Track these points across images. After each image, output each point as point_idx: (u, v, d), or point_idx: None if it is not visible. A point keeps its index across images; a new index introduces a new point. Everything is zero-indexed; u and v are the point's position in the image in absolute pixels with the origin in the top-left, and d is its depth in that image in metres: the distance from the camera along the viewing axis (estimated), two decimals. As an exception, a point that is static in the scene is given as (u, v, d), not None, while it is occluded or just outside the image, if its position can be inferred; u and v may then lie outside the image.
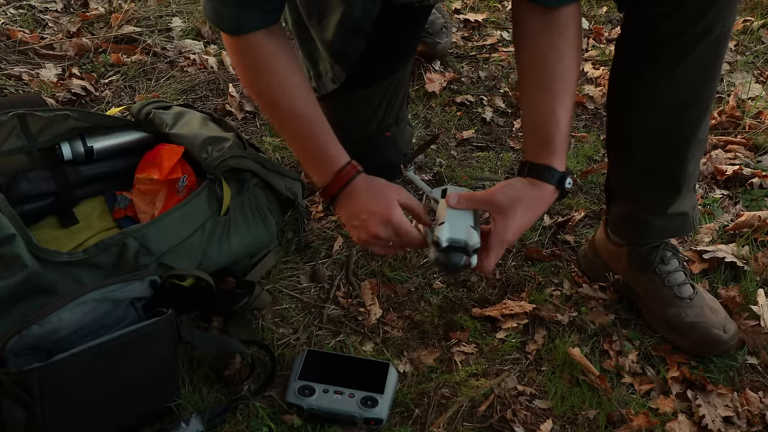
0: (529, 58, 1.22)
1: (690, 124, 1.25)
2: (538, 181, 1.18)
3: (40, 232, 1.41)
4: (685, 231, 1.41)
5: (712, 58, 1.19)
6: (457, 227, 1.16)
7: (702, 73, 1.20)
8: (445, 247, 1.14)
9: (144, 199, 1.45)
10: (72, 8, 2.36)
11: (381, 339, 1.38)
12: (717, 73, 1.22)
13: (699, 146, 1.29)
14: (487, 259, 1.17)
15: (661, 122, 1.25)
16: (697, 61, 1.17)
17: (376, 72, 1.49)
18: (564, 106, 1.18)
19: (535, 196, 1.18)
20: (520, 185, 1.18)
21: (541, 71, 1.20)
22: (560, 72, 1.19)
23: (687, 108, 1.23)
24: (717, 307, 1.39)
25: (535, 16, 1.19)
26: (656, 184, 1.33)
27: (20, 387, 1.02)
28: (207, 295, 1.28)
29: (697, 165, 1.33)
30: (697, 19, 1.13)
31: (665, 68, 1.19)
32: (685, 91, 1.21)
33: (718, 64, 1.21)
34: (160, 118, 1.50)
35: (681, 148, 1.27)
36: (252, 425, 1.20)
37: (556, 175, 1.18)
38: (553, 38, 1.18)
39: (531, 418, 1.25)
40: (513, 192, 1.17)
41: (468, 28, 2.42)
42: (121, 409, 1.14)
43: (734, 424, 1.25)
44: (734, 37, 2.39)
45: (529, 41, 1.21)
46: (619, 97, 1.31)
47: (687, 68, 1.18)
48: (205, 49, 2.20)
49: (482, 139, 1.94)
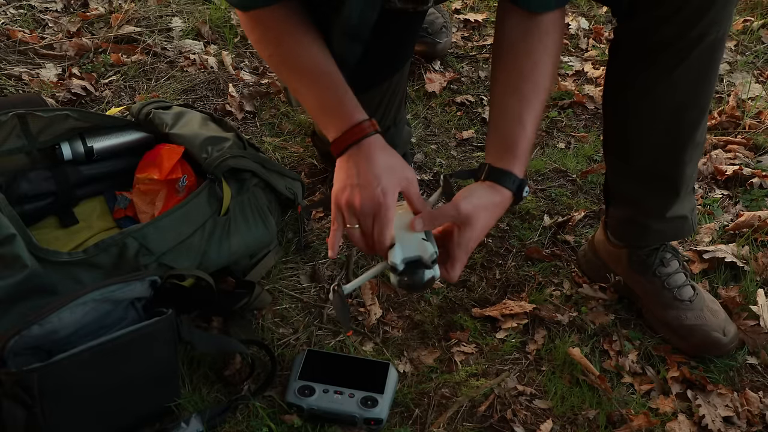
0: (504, 61, 1.19)
1: (687, 127, 1.25)
2: (498, 186, 1.13)
3: (40, 232, 1.41)
4: (684, 234, 1.41)
5: (709, 62, 1.19)
6: (408, 245, 1.09)
7: (698, 77, 1.20)
8: (402, 269, 1.08)
9: (144, 199, 1.45)
10: (72, 8, 2.36)
11: (381, 339, 1.38)
12: (713, 77, 1.22)
13: (696, 149, 1.29)
14: (452, 270, 1.13)
15: (658, 126, 1.25)
16: (694, 65, 1.17)
17: (374, 77, 1.49)
18: (532, 113, 1.16)
19: (496, 201, 1.14)
20: (482, 191, 1.14)
21: (515, 76, 1.17)
22: (533, 79, 1.16)
23: (684, 112, 1.23)
24: (717, 308, 1.39)
25: (516, 19, 1.17)
26: (654, 188, 1.33)
27: (20, 387, 1.02)
28: (207, 295, 1.28)
29: (695, 168, 1.33)
30: (693, 23, 1.12)
31: (662, 72, 1.19)
32: (682, 94, 1.21)
33: (714, 67, 1.20)
34: (160, 118, 1.50)
35: (678, 151, 1.27)
36: (252, 425, 1.20)
37: (516, 182, 1.14)
38: (531, 45, 1.16)
39: (531, 418, 1.25)
40: (477, 200, 1.13)
41: (468, 28, 2.42)
42: (121, 409, 1.14)
43: (734, 424, 1.25)
44: (734, 37, 2.39)
45: (506, 44, 1.18)
46: (615, 102, 1.31)
47: (684, 72, 1.18)
48: (205, 49, 2.20)
49: (482, 139, 1.94)
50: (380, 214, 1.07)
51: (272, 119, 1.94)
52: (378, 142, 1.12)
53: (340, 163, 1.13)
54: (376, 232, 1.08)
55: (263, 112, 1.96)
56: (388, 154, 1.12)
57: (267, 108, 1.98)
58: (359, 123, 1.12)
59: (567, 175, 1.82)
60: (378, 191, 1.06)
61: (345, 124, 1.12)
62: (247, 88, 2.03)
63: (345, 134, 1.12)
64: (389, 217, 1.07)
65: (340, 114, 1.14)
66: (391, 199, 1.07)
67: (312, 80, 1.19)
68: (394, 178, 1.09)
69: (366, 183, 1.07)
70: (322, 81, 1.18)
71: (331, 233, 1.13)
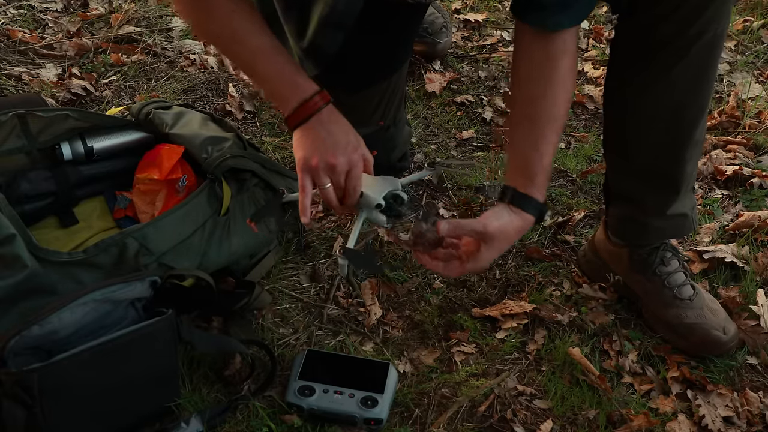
0: (518, 87, 1.23)
1: (686, 125, 1.25)
2: (522, 211, 1.19)
3: (40, 232, 1.41)
4: (684, 232, 1.41)
5: (707, 60, 1.19)
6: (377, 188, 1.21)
7: (697, 75, 1.20)
8: (384, 204, 1.21)
9: (144, 199, 1.45)
10: (72, 8, 2.36)
11: (381, 339, 1.38)
12: (712, 75, 1.23)
13: (696, 147, 1.29)
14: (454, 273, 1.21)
15: (657, 125, 1.26)
16: (693, 63, 1.18)
17: (373, 75, 1.49)
18: (547, 141, 1.20)
19: (517, 226, 1.20)
20: (507, 216, 1.19)
21: (529, 103, 1.21)
22: (547, 106, 1.19)
23: (683, 110, 1.24)
24: (717, 308, 1.39)
25: (529, 39, 1.19)
26: (654, 185, 1.33)
27: (20, 387, 1.02)
28: (207, 295, 1.28)
29: (695, 166, 1.33)
30: (691, 20, 1.13)
31: (661, 70, 1.20)
32: (681, 93, 1.22)
33: (712, 65, 1.21)
34: (160, 118, 1.50)
35: (678, 149, 1.28)
36: (252, 425, 1.20)
37: (538, 207, 1.20)
38: (547, 70, 1.19)
39: (531, 418, 1.25)
40: (501, 223, 1.18)
41: (468, 28, 2.42)
42: (121, 409, 1.14)
43: (734, 424, 1.25)
44: (734, 37, 2.39)
45: (523, 68, 1.22)
46: (615, 100, 1.32)
47: (683, 70, 1.18)
48: (205, 49, 2.20)
49: (482, 139, 1.94)
50: (354, 169, 1.17)
51: (272, 119, 1.94)
52: (335, 109, 1.20)
53: (303, 131, 1.19)
54: (349, 186, 1.18)
55: (263, 112, 1.96)
56: (342, 119, 1.21)
57: (267, 108, 1.98)
58: (317, 92, 1.18)
59: (567, 175, 1.82)
60: (350, 148, 1.17)
61: (303, 94, 1.18)
62: (247, 88, 2.03)
63: (305, 104, 1.18)
64: (360, 171, 1.18)
65: (296, 86, 1.19)
66: (360, 156, 1.18)
67: (263, 55, 1.21)
68: (358, 137, 1.20)
69: (339, 143, 1.17)
70: (273, 56, 1.21)
71: (300, 200, 1.18)
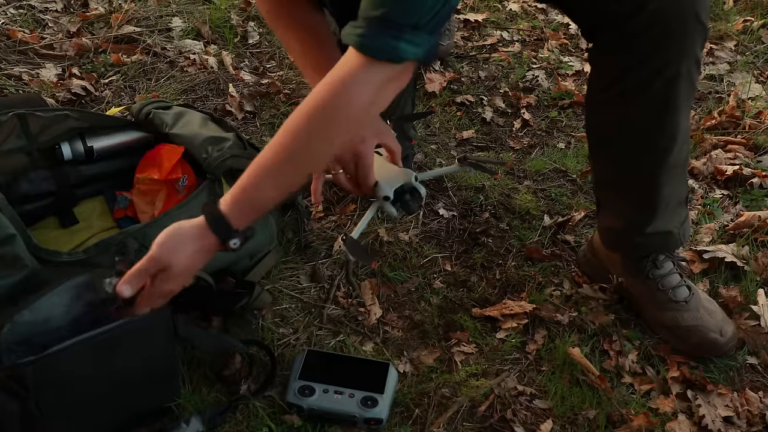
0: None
1: (658, 151, 1.23)
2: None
3: (40, 232, 1.41)
4: (670, 247, 1.38)
5: (672, 96, 1.17)
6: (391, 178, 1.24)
7: (662, 109, 1.18)
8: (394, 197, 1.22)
9: (144, 199, 1.45)
10: (72, 8, 2.36)
11: (381, 339, 1.38)
12: (681, 110, 1.19)
13: (673, 171, 1.26)
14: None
15: (625, 147, 1.25)
16: (656, 98, 1.17)
17: None
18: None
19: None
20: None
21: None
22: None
23: (650, 138, 1.22)
24: (714, 308, 1.38)
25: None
26: (630, 202, 1.32)
27: (15, 380, 1.01)
28: (207, 295, 1.28)
29: (675, 188, 1.29)
30: (650, 54, 1.12)
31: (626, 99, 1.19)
32: (647, 122, 1.20)
33: (677, 103, 1.18)
34: (160, 118, 1.50)
35: (650, 172, 1.26)
36: (252, 425, 1.20)
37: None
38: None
39: (531, 418, 1.25)
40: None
41: (468, 28, 2.42)
42: (118, 405, 1.14)
43: (734, 424, 1.25)
44: (734, 37, 2.39)
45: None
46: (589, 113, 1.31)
47: (645, 103, 1.18)
48: (205, 49, 2.20)
49: (482, 139, 1.94)
50: (361, 160, 1.19)
51: (272, 119, 1.94)
52: None
53: None
54: (360, 175, 1.21)
55: (263, 112, 1.96)
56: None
57: (267, 108, 1.98)
58: None
59: (567, 175, 1.82)
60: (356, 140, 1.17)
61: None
62: (247, 88, 2.03)
63: None
64: (369, 161, 1.20)
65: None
66: (368, 147, 1.19)
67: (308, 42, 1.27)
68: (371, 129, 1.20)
69: None
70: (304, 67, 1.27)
71: (313, 182, 1.23)
